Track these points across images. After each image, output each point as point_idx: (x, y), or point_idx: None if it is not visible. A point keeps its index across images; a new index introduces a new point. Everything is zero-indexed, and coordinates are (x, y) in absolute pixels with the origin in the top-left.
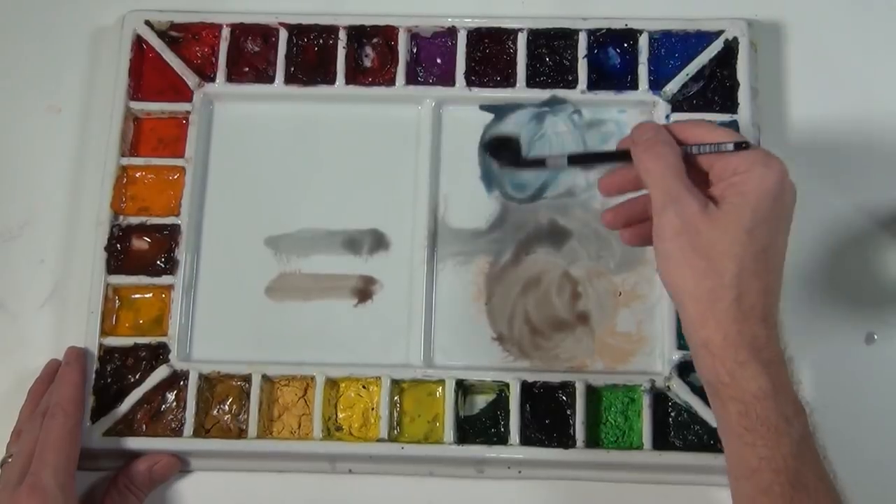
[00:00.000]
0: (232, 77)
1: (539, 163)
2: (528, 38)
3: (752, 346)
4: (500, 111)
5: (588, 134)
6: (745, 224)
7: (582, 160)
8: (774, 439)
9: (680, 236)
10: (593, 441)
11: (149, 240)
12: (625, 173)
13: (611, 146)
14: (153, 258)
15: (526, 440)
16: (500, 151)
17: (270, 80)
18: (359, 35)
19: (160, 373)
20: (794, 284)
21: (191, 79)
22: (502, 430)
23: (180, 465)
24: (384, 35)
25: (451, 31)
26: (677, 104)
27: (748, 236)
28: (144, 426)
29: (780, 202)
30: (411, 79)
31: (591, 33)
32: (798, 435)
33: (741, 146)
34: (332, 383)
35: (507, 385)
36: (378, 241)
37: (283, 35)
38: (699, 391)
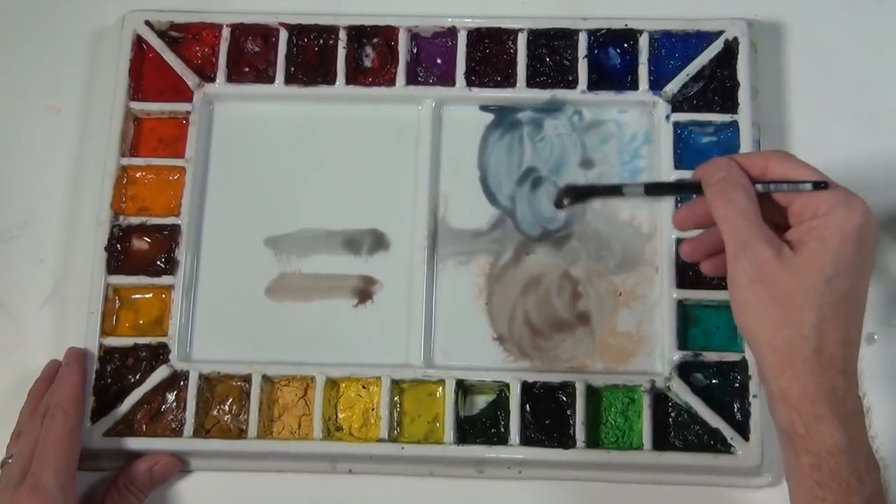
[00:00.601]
0: (232, 77)
1: (615, 190)
2: (528, 38)
3: (830, 401)
4: (504, 115)
5: (588, 135)
6: (825, 273)
7: (659, 190)
8: (845, 496)
9: (755, 284)
10: (593, 441)
11: (149, 240)
12: (699, 208)
13: (609, 148)
14: (153, 258)
15: (526, 440)
16: (574, 189)
17: (270, 80)
18: (359, 35)
19: (160, 373)
20: None
21: (191, 79)
22: (502, 430)
23: (180, 465)
24: (384, 35)
25: (451, 31)
26: (677, 104)
27: (827, 286)
28: (144, 426)
29: (862, 247)
30: (411, 79)
31: (592, 33)
32: (869, 492)
33: (820, 186)
34: (332, 383)
35: (508, 385)
36: (378, 241)
37: (284, 35)
38: (699, 391)
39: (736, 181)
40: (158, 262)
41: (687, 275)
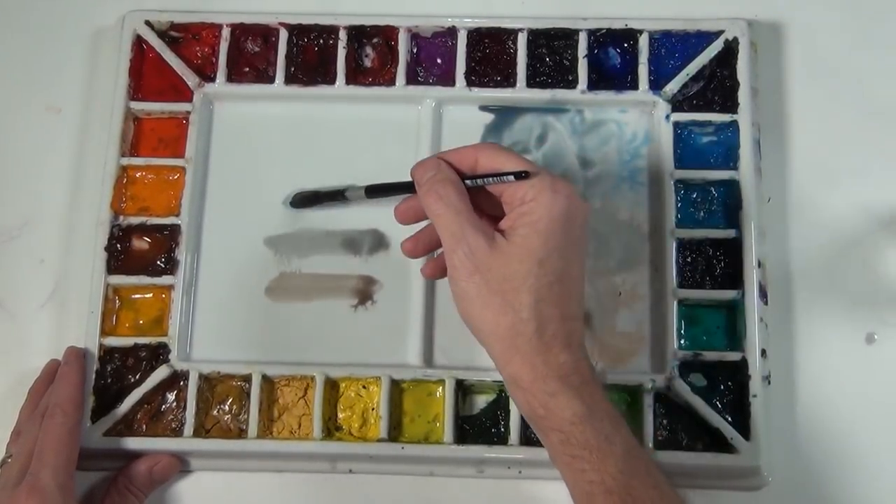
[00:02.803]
0: (232, 77)
1: (338, 195)
2: (528, 38)
3: (559, 375)
4: (503, 115)
5: (588, 136)
6: (536, 255)
7: (379, 191)
8: (600, 460)
9: (473, 276)
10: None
11: (149, 240)
12: (418, 202)
13: (610, 147)
14: (153, 258)
15: (526, 440)
16: (300, 198)
17: (270, 80)
18: (359, 35)
19: (160, 373)
20: (795, 284)
21: (191, 79)
22: (502, 430)
23: (180, 465)
24: (384, 35)
25: (451, 31)
26: (677, 104)
27: (540, 267)
28: (144, 426)
29: (570, 227)
30: (411, 79)
31: (591, 33)
32: (622, 450)
33: (521, 175)
34: (332, 383)
35: None
36: (378, 241)
37: (284, 35)
38: (699, 391)
39: (444, 178)
40: (158, 262)
41: (687, 275)
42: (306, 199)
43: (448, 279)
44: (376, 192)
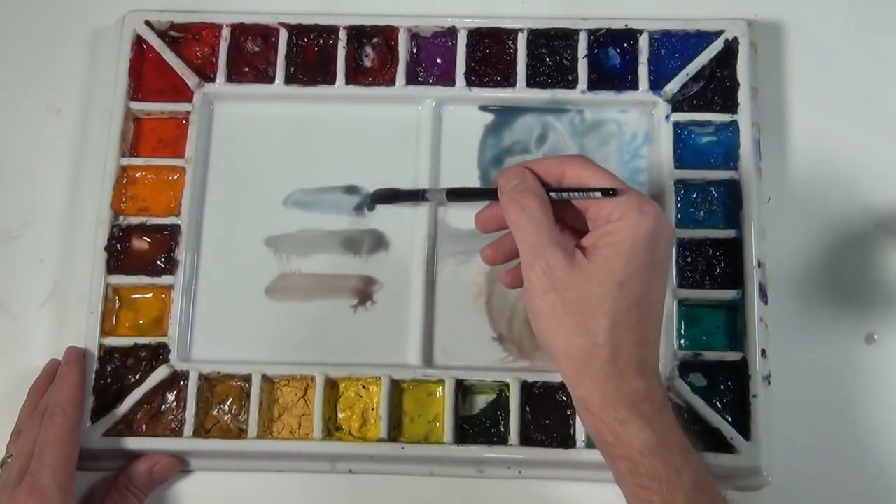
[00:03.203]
0: (232, 77)
1: (418, 195)
2: (528, 38)
3: (630, 403)
4: (503, 115)
5: (588, 136)
6: (616, 278)
7: (461, 195)
8: (668, 492)
9: (549, 294)
10: (594, 441)
11: (149, 240)
12: (499, 210)
13: (609, 148)
14: (153, 258)
15: (526, 440)
16: (379, 195)
17: (270, 80)
18: (359, 35)
19: (160, 373)
20: (795, 284)
21: (191, 79)
22: (502, 430)
23: (180, 465)
24: (384, 35)
25: (451, 31)
26: (677, 104)
27: (619, 290)
28: (144, 426)
29: (654, 250)
30: (411, 79)
31: (591, 33)
32: (691, 482)
33: (609, 193)
34: (332, 383)
35: (507, 385)
36: (378, 241)
37: (283, 35)
38: (699, 391)
39: (527, 188)
40: (158, 262)
41: (687, 275)
42: (385, 197)
43: (523, 292)
44: (458, 195)
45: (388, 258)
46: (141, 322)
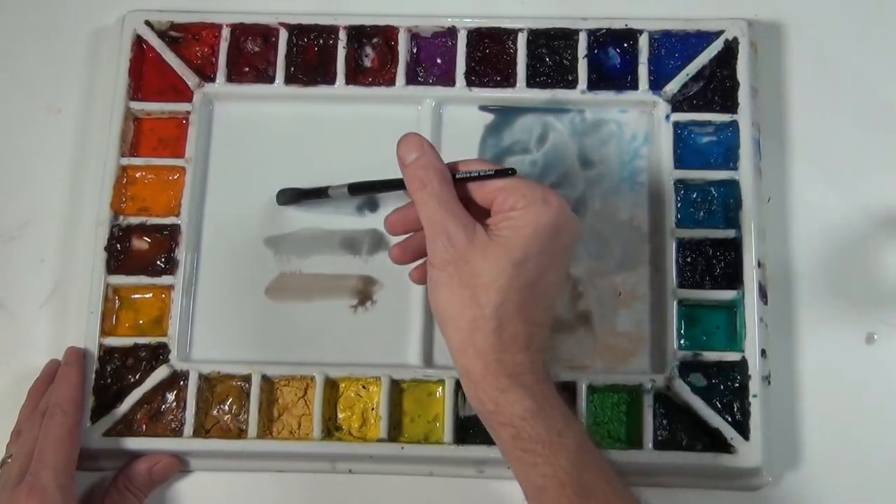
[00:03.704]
0: (232, 77)
1: (321, 193)
2: (528, 38)
3: (511, 373)
4: (503, 115)
5: (589, 136)
6: (513, 256)
7: (363, 189)
8: (552, 455)
9: (447, 266)
10: (594, 441)
11: (149, 240)
12: (409, 212)
13: (609, 148)
14: (153, 258)
15: None
16: (283, 194)
17: (270, 80)
18: (359, 35)
19: (160, 373)
20: (795, 284)
21: (191, 79)
22: None
23: (180, 465)
24: (384, 35)
25: (451, 31)
26: (677, 104)
27: (515, 269)
28: (144, 426)
29: (556, 238)
30: (411, 79)
31: (591, 33)
32: (574, 444)
33: (507, 173)
34: (332, 383)
35: None
36: (378, 241)
37: (283, 35)
38: (699, 391)
39: (428, 164)
40: (158, 262)
41: (687, 275)
42: (290, 197)
43: (427, 266)
44: (360, 189)
45: (388, 258)
46: (141, 322)
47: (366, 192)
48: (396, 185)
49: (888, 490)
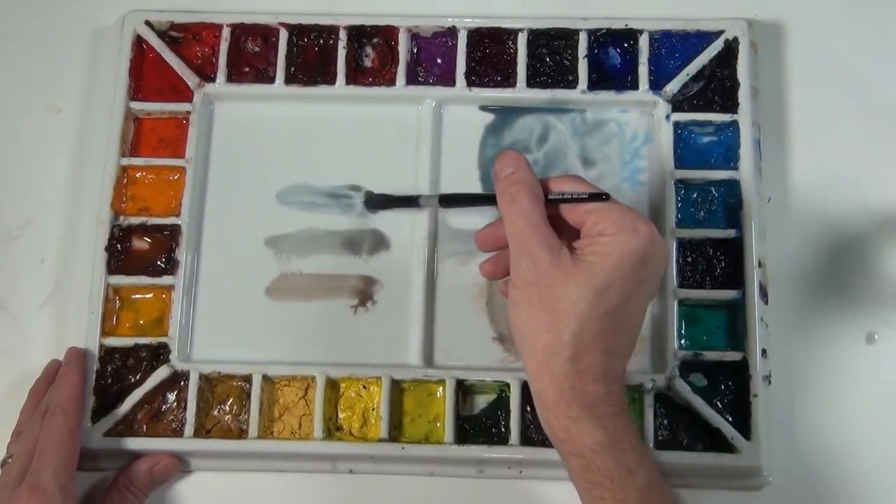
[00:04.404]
0: (232, 77)
1: (411, 201)
2: (528, 38)
3: (585, 403)
4: (503, 115)
5: (590, 136)
6: (596, 283)
7: (455, 201)
8: (619, 490)
9: (529, 287)
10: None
11: (149, 240)
12: (500, 228)
13: (611, 147)
14: (153, 258)
15: (526, 440)
16: (372, 199)
17: (270, 80)
18: (359, 35)
19: (161, 373)
20: (795, 284)
21: (191, 79)
22: (503, 430)
23: (181, 465)
24: (384, 35)
25: (452, 31)
26: (678, 104)
27: (597, 297)
28: (145, 427)
29: (642, 268)
30: (411, 79)
31: (592, 33)
32: (643, 482)
33: (600, 198)
34: (333, 383)
35: (508, 385)
36: (378, 241)
37: (284, 35)
38: (699, 391)
39: (521, 179)
40: (158, 262)
41: (687, 275)
42: (377, 203)
43: (509, 285)
44: (451, 202)
45: (388, 258)
46: (141, 322)
47: (457, 205)
48: (489, 199)
49: (888, 490)
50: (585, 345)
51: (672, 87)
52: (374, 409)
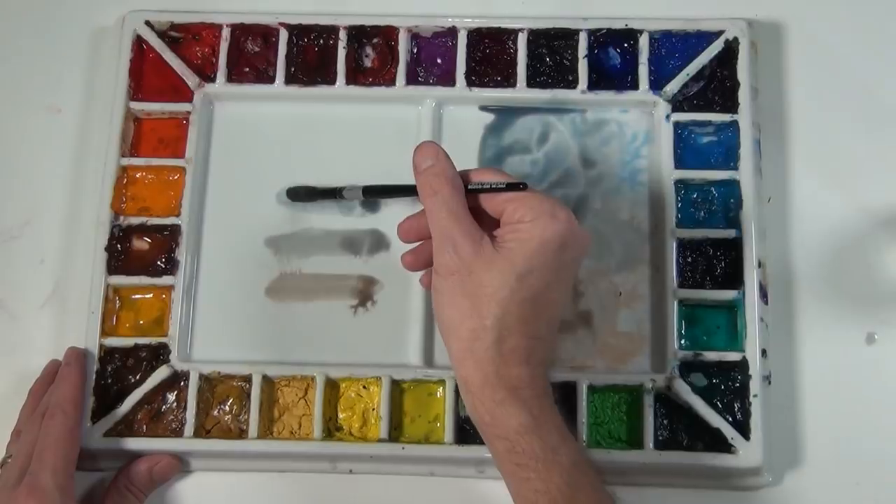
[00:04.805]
0: (232, 77)
1: (335, 193)
2: (528, 38)
3: (509, 386)
4: (503, 115)
5: (590, 136)
6: (517, 269)
7: (377, 193)
8: (545, 471)
9: (453, 275)
10: (593, 441)
11: (149, 240)
12: (421, 219)
13: (611, 148)
14: (153, 258)
15: None
16: (296, 192)
17: (270, 80)
18: (359, 35)
19: (160, 373)
20: (795, 284)
21: (191, 79)
22: None
23: (181, 465)
24: (384, 35)
25: (452, 31)
26: (678, 104)
27: (518, 282)
28: (145, 427)
29: (561, 253)
30: (411, 79)
31: (592, 33)
32: (569, 462)
33: (518, 187)
34: (333, 384)
35: None
36: (378, 242)
37: (284, 35)
38: (699, 391)
39: (441, 171)
40: (158, 262)
41: (687, 275)
42: (301, 194)
43: (432, 274)
44: (374, 193)
45: (388, 258)
46: (141, 322)
47: (379, 196)
48: (410, 191)
49: (888, 490)
50: (508, 329)
51: (672, 87)
52: (373, 410)
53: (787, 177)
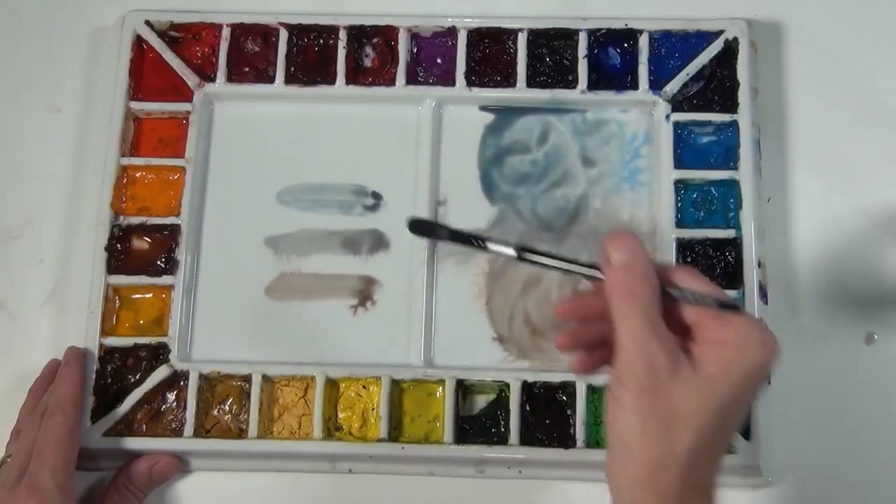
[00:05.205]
0: (232, 77)
1: (479, 242)
2: (528, 38)
3: None
4: (503, 115)
5: (590, 136)
6: (719, 398)
7: (535, 255)
8: None
9: (644, 393)
10: (593, 441)
11: (149, 240)
12: (590, 302)
13: (611, 147)
14: (153, 258)
15: (526, 440)
16: (431, 227)
17: (270, 80)
18: (359, 35)
19: (160, 373)
20: (795, 284)
21: (191, 79)
22: (502, 430)
23: (180, 465)
24: (384, 35)
25: (452, 31)
26: (677, 104)
27: (718, 411)
28: (144, 426)
29: (759, 379)
30: (411, 79)
31: (591, 33)
32: None
33: (730, 308)
34: (332, 383)
35: (508, 385)
36: (378, 241)
37: (284, 35)
38: None
39: (642, 270)
40: (158, 262)
41: None
42: (425, 230)
43: (612, 380)
44: (531, 259)
45: (388, 258)
46: (141, 322)
47: (536, 264)
48: (579, 265)
49: (888, 490)
50: (699, 460)
51: (672, 87)
52: (373, 409)
53: (787, 177)
